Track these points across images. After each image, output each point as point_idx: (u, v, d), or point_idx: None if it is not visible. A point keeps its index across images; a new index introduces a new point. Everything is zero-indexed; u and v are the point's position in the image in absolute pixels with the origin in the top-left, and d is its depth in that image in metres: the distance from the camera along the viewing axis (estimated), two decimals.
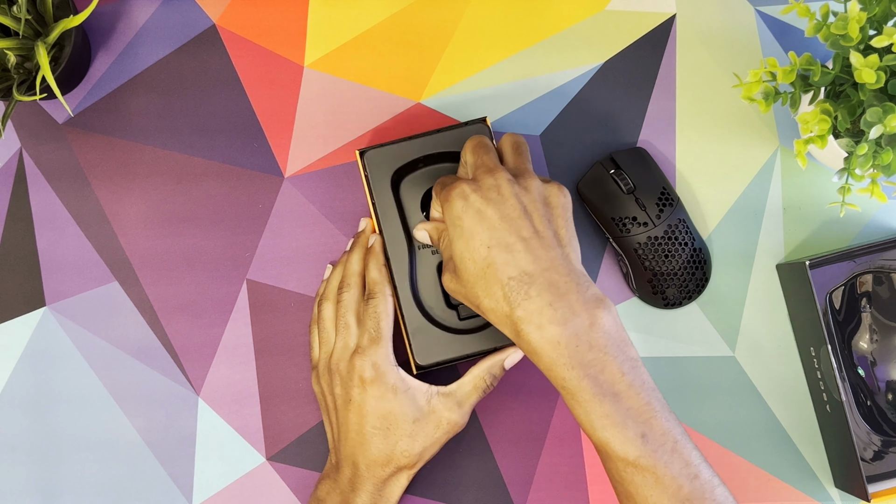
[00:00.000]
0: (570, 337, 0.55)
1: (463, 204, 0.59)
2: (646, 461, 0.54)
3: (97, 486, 0.72)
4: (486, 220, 0.58)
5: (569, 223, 0.61)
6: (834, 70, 0.62)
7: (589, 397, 0.55)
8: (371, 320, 0.66)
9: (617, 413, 0.54)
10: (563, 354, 0.55)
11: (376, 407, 0.64)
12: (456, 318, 0.68)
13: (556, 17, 0.75)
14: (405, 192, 0.69)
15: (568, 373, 0.55)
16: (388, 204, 0.68)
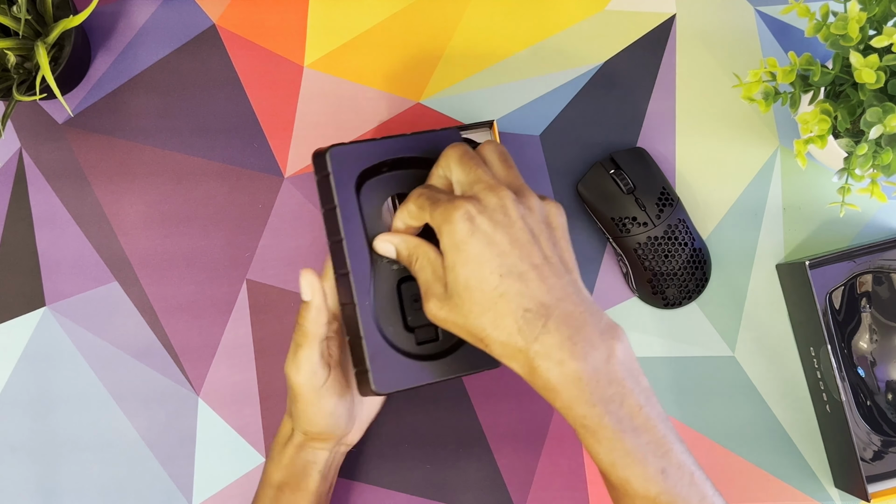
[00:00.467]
0: (591, 372, 0.51)
1: (469, 227, 0.53)
2: (666, 497, 0.52)
3: (97, 486, 0.72)
4: (495, 246, 0.53)
5: (570, 245, 0.58)
6: (834, 70, 0.62)
7: (610, 434, 0.52)
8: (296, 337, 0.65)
9: (638, 449, 0.52)
10: (584, 391, 0.51)
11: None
12: (413, 342, 0.61)
13: (556, 17, 0.75)
14: (364, 197, 0.62)
15: (589, 410, 0.52)
16: (352, 209, 0.60)
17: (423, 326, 0.61)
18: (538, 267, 0.54)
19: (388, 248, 0.60)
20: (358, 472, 0.72)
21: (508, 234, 0.54)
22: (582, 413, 0.52)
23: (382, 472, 0.72)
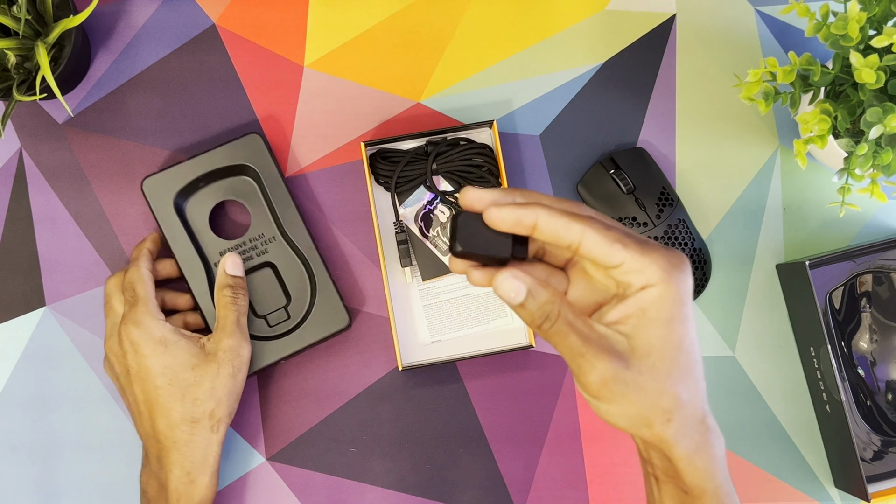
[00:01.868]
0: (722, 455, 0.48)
1: (689, 279, 0.46)
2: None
3: (97, 486, 0.72)
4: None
5: None
6: (834, 70, 0.62)
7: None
8: (127, 291, 0.66)
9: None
10: (724, 471, 0.48)
11: (152, 366, 0.64)
12: (265, 326, 0.71)
13: (556, 17, 0.75)
14: (192, 212, 0.71)
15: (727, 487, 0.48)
16: (176, 227, 0.70)
17: (273, 312, 0.71)
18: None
19: (515, 289, 0.46)
20: (358, 472, 0.72)
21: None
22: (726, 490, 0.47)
23: (382, 472, 0.72)
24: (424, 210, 0.73)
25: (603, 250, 0.44)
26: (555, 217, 0.44)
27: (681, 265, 0.45)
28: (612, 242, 0.44)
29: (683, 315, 0.45)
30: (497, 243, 0.46)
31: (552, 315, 0.45)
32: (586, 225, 0.44)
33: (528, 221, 0.44)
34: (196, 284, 0.70)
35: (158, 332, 0.65)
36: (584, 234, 0.44)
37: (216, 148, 0.71)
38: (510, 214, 0.44)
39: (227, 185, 0.72)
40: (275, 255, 0.71)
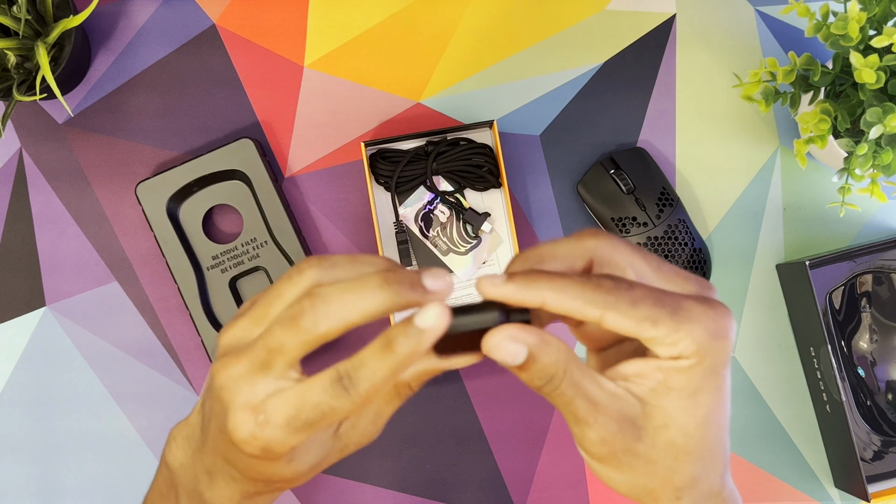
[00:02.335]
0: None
1: (731, 343, 0.39)
2: None
3: (97, 486, 0.72)
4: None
5: None
6: (834, 70, 0.62)
7: None
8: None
9: None
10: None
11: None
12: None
13: (556, 17, 0.75)
14: (185, 217, 0.72)
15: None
16: (168, 232, 0.70)
17: None
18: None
19: (513, 353, 0.38)
20: (358, 472, 0.72)
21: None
22: None
23: (382, 472, 0.72)
24: (424, 210, 0.73)
25: (629, 330, 0.37)
26: (565, 297, 0.37)
27: (722, 332, 0.38)
28: (640, 321, 0.37)
29: (716, 385, 0.39)
30: (482, 314, 0.38)
31: (556, 377, 0.38)
32: (606, 304, 0.37)
33: (534, 301, 0.38)
34: (187, 290, 0.70)
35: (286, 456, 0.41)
36: (605, 315, 0.37)
37: (209, 152, 0.71)
38: (514, 293, 0.38)
39: (220, 190, 0.72)
40: (266, 260, 0.71)
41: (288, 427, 0.38)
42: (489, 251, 0.73)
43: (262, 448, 0.39)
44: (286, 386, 0.39)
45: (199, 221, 0.72)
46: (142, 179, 0.71)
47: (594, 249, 0.41)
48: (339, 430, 0.42)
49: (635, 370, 0.39)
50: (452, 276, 0.37)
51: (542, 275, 0.38)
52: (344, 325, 0.37)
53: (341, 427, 0.42)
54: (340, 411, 0.38)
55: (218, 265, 0.71)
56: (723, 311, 0.39)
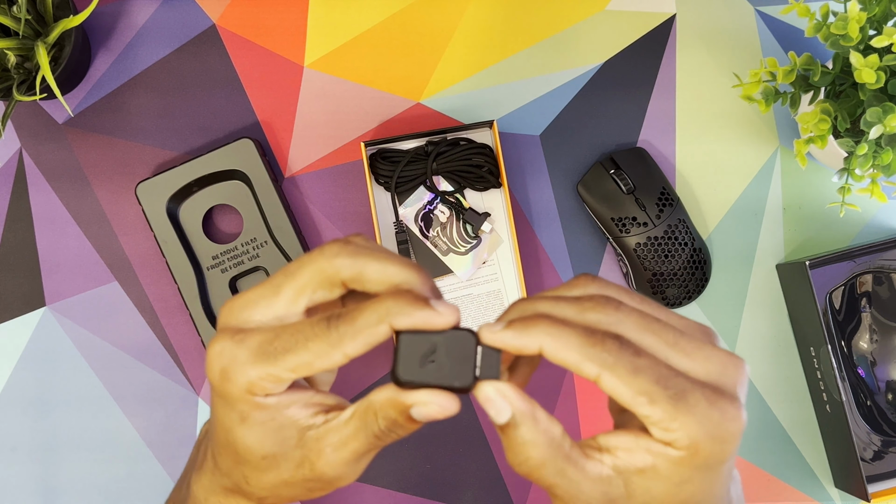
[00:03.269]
0: None
1: (732, 447, 0.36)
2: None
3: (97, 486, 0.72)
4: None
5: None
6: (834, 70, 0.62)
7: None
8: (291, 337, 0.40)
9: None
10: None
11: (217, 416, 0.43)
12: None
13: (556, 17, 0.75)
14: (185, 217, 0.72)
15: None
16: (167, 231, 0.70)
17: None
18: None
19: (497, 410, 0.37)
20: None
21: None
22: None
23: (382, 472, 0.72)
24: (424, 210, 0.73)
25: (624, 399, 0.35)
26: (562, 347, 0.35)
27: (725, 437, 0.35)
28: (636, 394, 0.35)
29: (709, 479, 0.37)
30: (455, 369, 0.36)
31: (532, 460, 0.37)
32: (605, 364, 0.35)
33: (531, 349, 0.36)
34: (187, 290, 0.70)
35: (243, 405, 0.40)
36: (601, 376, 0.35)
37: (209, 152, 0.71)
38: (512, 340, 0.36)
39: (220, 190, 0.72)
40: (266, 260, 0.71)
41: (258, 350, 0.37)
42: (489, 251, 0.73)
43: (222, 369, 0.38)
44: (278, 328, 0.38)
45: (199, 221, 0.72)
46: (142, 179, 0.71)
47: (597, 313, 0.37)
48: (306, 436, 0.39)
49: (625, 444, 0.37)
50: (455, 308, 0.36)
51: (543, 320, 0.36)
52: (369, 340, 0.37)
53: (308, 433, 0.39)
54: (315, 349, 0.36)
55: (218, 265, 0.71)
56: (733, 413, 0.35)
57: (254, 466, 0.40)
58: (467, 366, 0.37)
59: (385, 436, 0.39)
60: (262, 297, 0.38)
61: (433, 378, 0.37)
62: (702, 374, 0.36)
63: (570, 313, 0.37)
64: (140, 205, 0.71)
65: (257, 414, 0.39)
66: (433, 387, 0.37)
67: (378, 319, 0.36)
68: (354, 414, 0.39)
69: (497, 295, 0.72)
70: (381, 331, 0.36)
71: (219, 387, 0.39)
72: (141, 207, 0.71)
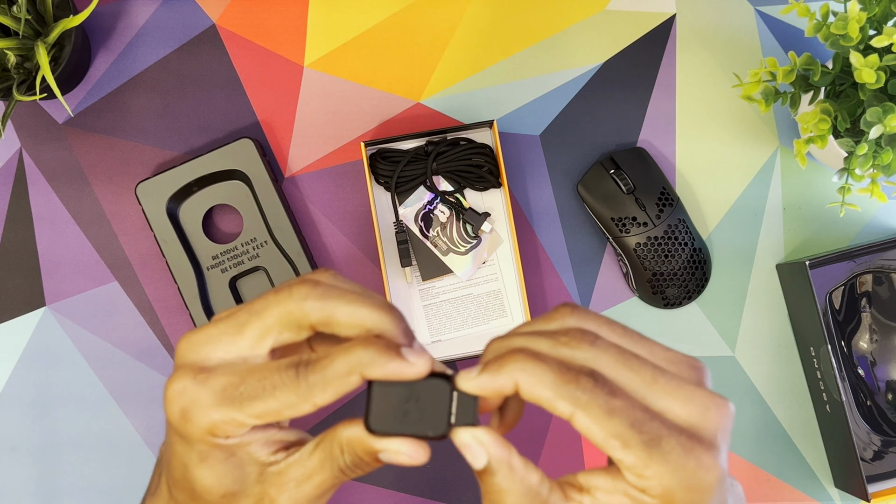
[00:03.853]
0: None
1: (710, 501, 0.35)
2: None
3: (97, 486, 0.72)
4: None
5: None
6: (834, 70, 0.62)
7: None
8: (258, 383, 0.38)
9: None
10: None
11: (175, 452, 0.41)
12: None
13: (556, 17, 0.75)
14: (185, 217, 0.72)
15: None
16: (167, 231, 0.70)
17: None
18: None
19: (475, 453, 0.37)
20: None
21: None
22: None
23: (382, 472, 0.72)
24: (424, 210, 0.73)
25: (597, 441, 0.34)
26: (537, 384, 0.34)
27: (701, 487, 0.34)
28: (609, 437, 0.34)
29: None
30: (429, 417, 0.36)
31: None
32: (578, 404, 0.34)
33: (507, 387, 0.35)
34: (187, 290, 0.70)
35: (202, 447, 0.39)
36: (575, 415, 0.34)
37: (209, 152, 0.71)
38: (487, 383, 0.35)
39: (220, 190, 0.72)
40: (266, 260, 0.71)
41: (223, 394, 0.36)
42: (489, 251, 0.73)
43: (182, 409, 0.36)
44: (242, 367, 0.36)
45: (199, 221, 0.72)
46: (142, 179, 0.71)
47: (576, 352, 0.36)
48: (266, 472, 0.38)
49: (601, 485, 0.36)
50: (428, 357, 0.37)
51: (517, 355, 0.35)
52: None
53: (269, 469, 0.38)
54: (283, 399, 0.35)
55: (218, 265, 0.71)
56: (709, 462, 0.34)
57: (208, 491, 0.38)
58: (441, 414, 0.36)
59: (350, 471, 0.38)
60: (225, 334, 0.37)
61: (406, 428, 0.36)
62: (681, 417, 0.35)
63: (545, 347, 0.35)
64: (140, 205, 0.71)
65: (217, 453, 0.38)
66: (406, 436, 0.36)
67: (349, 371, 0.35)
68: (319, 447, 0.38)
69: (497, 295, 0.72)
70: (351, 381, 0.36)
71: (178, 426, 0.37)
72: (141, 207, 0.71)
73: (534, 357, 0.35)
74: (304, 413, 0.36)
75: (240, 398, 0.36)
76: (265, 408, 0.36)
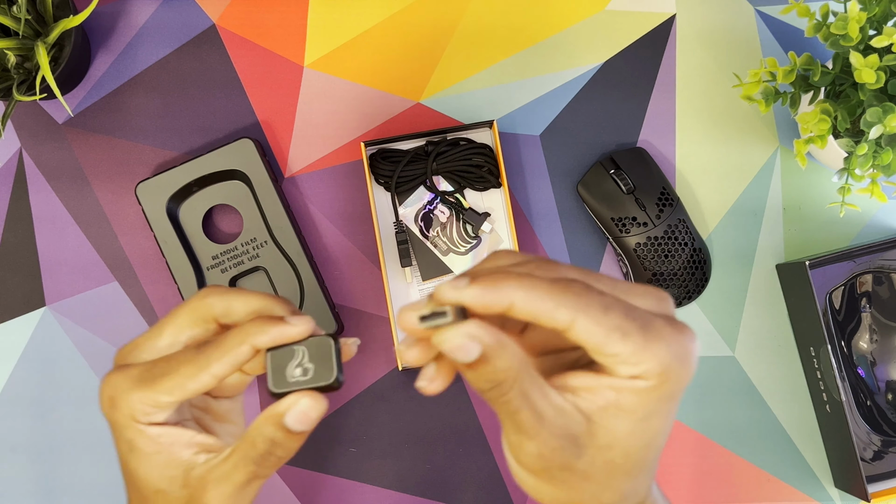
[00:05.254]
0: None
1: (692, 369, 0.38)
2: None
3: (97, 486, 0.72)
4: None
5: None
6: (834, 70, 0.62)
7: None
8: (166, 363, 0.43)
9: None
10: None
11: (117, 447, 0.46)
12: None
13: (556, 17, 0.75)
14: (185, 217, 0.72)
15: None
16: (167, 231, 0.70)
17: None
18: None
19: (465, 349, 0.35)
20: (358, 472, 0.72)
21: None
22: None
23: (382, 472, 0.72)
24: (424, 210, 0.73)
25: (597, 339, 0.35)
26: (535, 297, 0.35)
27: (688, 357, 0.37)
28: (610, 331, 0.35)
29: (668, 409, 0.38)
30: (319, 370, 0.41)
31: (505, 384, 0.36)
32: (578, 307, 0.35)
33: (501, 304, 0.35)
34: (187, 290, 0.70)
35: (129, 432, 0.43)
36: (576, 320, 0.35)
37: (209, 152, 0.71)
38: (480, 297, 0.35)
39: (220, 190, 0.72)
40: (266, 260, 0.71)
41: (139, 377, 0.42)
42: (489, 251, 0.73)
43: (109, 398, 0.42)
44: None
45: (199, 221, 0.72)
46: (142, 179, 0.71)
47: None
48: (190, 475, 0.43)
49: (585, 384, 0.37)
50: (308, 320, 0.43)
51: (510, 275, 0.35)
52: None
53: (192, 472, 0.43)
54: (185, 372, 0.41)
55: (218, 265, 0.71)
56: (690, 334, 0.37)
57: (150, 501, 0.43)
58: (329, 364, 0.41)
59: (264, 460, 0.42)
60: (148, 338, 0.44)
61: (301, 384, 0.41)
62: (649, 306, 0.37)
63: (524, 270, 0.37)
64: (140, 205, 0.71)
65: (143, 443, 0.42)
66: (302, 391, 0.41)
67: (240, 341, 0.41)
68: (235, 449, 0.42)
69: None
70: (243, 350, 0.41)
71: (108, 415, 0.43)
72: (141, 207, 0.71)
73: (526, 275, 0.36)
74: (206, 384, 0.41)
75: (151, 378, 0.42)
76: (172, 383, 0.41)
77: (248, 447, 0.42)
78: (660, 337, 0.36)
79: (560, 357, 0.40)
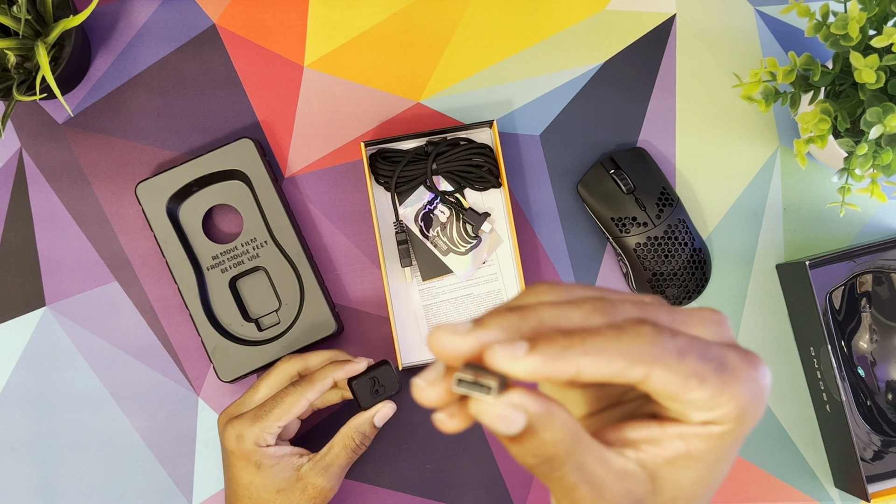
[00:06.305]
0: None
1: (763, 408, 0.33)
2: None
3: (97, 486, 0.72)
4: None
5: None
6: (834, 70, 0.62)
7: None
8: (273, 401, 0.64)
9: None
10: None
11: (238, 476, 0.65)
12: (255, 330, 0.71)
13: (556, 17, 0.75)
14: (185, 217, 0.72)
15: None
16: (167, 231, 0.70)
17: (264, 316, 0.72)
18: None
19: (508, 420, 0.30)
20: (358, 472, 0.72)
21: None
22: None
23: (382, 472, 0.72)
24: (424, 210, 0.73)
25: (674, 389, 0.30)
26: (605, 361, 0.29)
27: (763, 395, 0.32)
28: (687, 378, 0.30)
29: (735, 452, 0.34)
30: (388, 386, 0.67)
31: (557, 458, 0.30)
32: (652, 359, 0.30)
33: (565, 375, 0.29)
34: (187, 290, 0.70)
35: (256, 456, 0.64)
36: (651, 374, 0.30)
37: (209, 152, 0.71)
38: (542, 369, 0.29)
39: (220, 190, 0.72)
40: (266, 260, 0.71)
41: (255, 416, 0.64)
42: (489, 251, 0.73)
43: (237, 436, 0.64)
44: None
45: (199, 221, 0.72)
46: (142, 179, 0.71)
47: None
48: (301, 471, 0.65)
49: (648, 436, 0.32)
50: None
51: (573, 339, 0.29)
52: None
53: (301, 469, 0.65)
54: (288, 401, 0.64)
55: (218, 265, 0.71)
56: (763, 368, 0.32)
57: (273, 502, 0.64)
58: (393, 381, 0.67)
59: (358, 448, 0.67)
60: (248, 396, 0.67)
61: (380, 398, 0.67)
62: (711, 335, 0.32)
63: (577, 319, 0.31)
64: (140, 205, 0.71)
65: (266, 461, 0.64)
66: (381, 401, 0.67)
67: (324, 376, 0.65)
68: (332, 445, 0.66)
69: (497, 295, 0.72)
70: (327, 382, 0.65)
71: (237, 449, 0.64)
72: (141, 207, 0.71)
73: (590, 333, 0.30)
74: (304, 409, 0.64)
75: (264, 415, 0.64)
76: (280, 411, 0.64)
77: (347, 441, 0.66)
78: (736, 377, 0.31)
79: (613, 412, 0.35)
